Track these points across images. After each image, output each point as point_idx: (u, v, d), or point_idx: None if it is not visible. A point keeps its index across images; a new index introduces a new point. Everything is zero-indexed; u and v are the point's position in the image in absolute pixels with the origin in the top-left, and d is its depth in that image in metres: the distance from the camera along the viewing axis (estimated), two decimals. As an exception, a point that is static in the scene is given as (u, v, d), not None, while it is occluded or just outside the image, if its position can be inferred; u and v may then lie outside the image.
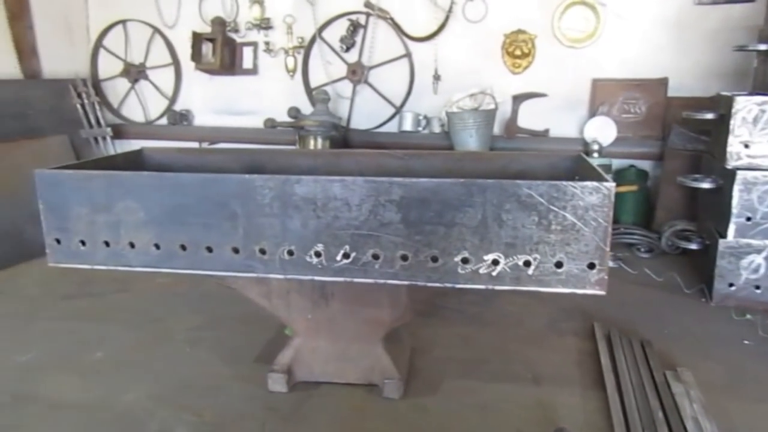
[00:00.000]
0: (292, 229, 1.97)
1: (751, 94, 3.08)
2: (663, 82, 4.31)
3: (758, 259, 3.03)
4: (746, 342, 2.74)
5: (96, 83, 5.51)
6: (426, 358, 2.62)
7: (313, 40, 4.96)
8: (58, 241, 2.13)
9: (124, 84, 5.52)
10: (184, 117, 5.41)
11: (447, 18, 4.58)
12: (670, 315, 3.02)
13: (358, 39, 4.86)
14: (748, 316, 2.97)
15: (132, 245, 2.08)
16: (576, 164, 2.47)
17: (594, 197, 1.82)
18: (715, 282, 3.12)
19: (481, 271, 1.93)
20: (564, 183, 1.82)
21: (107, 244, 2.10)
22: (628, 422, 2.07)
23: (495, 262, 1.91)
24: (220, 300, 3.17)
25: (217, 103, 5.37)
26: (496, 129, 4.55)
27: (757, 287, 3.06)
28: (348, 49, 4.90)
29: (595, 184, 1.81)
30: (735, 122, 3.00)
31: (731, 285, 3.10)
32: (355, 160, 2.65)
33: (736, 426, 2.10)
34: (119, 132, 5.45)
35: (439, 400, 2.30)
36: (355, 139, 4.88)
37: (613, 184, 1.82)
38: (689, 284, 3.32)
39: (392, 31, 4.77)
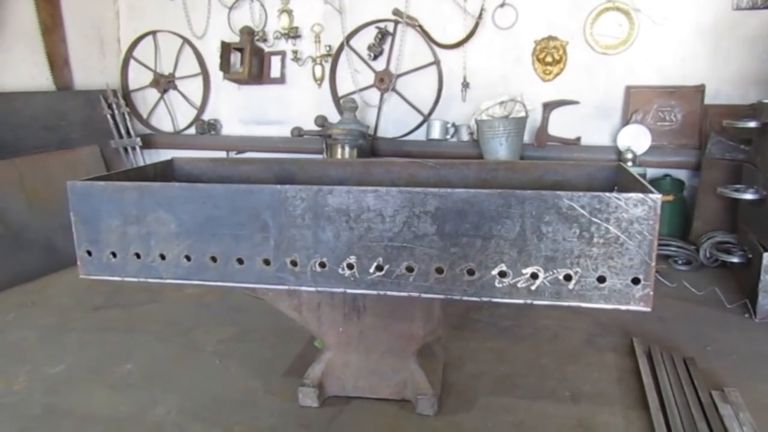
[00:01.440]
0: (324, 240, 1.92)
1: (796, 100, 2.97)
2: (699, 90, 4.20)
3: (806, 272, 2.90)
4: (795, 360, 2.62)
5: (126, 94, 5.57)
6: (459, 373, 2.55)
7: (340, 49, 4.95)
8: (89, 253, 2.12)
9: (153, 94, 5.57)
10: (212, 126, 5.44)
11: (476, 25, 4.53)
12: (712, 331, 2.90)
13: (386, 47, 4.83)
14: (796, 333, 2.84)
15: (163, 257, 2.05)
16: (615, 175, 2.39)
17: (639, 209, 1.74)
18: (759, 297, 3.00)
19: (519, 285, 1.86)
20: (607, 194, 1.75)
21: (138, 255, 2.08)
22: (673, 445, 1.98)
23: (534, 276, 1.84)
24: (249, 311, 3.15)
25: (245, 113, 5.39)
26: (527, 137, 4.47)
27: (805, 302, 2.93)
28: (376, 57, 4.87)
29: (640, 195, 1.74)
30: (780, 130, 2.88)
31: (777, 300, 2.97)
32: (386, 170, 2.61)
33: (789, 450, 1.99)
34: (148, 142, 5.50)
35: (474, 417, 2.23)
36: (382, 148, 4.84)
37: (659, 196, 1.74)
38: (731, 299, 3.20)
39: (421, 39, 4.73)
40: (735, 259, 3.36)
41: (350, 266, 1.92)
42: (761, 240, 3.08)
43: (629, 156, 4.18)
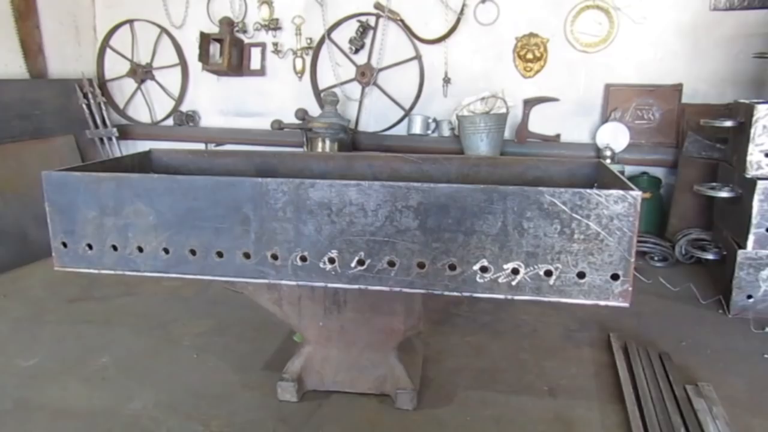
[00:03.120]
0: (305, 234, 1.91)
1: (771, 101, 3.02)
2: (677, 89, 4.25)
3: (778, 270, 2.96)
4: (766, 356, 2.67)
5: (102, 83, 5.46)
6: (438, 367, 2.55)
7: (321, 42, 4.91)
8: (65, 245, 2.08)
9: (130, 84, 5.47)
10: (190, 118, 5.36)
11: (458, 20, 4.52)
12: (687, 327, 2.95)
13: (368, 41, 4.81)
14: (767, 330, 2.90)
15: (140, 249, 2.02)
16: (595, 171, 2.41)
17: (619, 206, 1.76)
18: (733, 293, 3.05)
19: (500, 280, 1.87)
20: (588, 191, 1.77)
21: (115, 248, 2.04)
22: (649, 438, 2.01)
23: (515, 272, 1.85)
24: (227, 305, 3.12)
25: (224, 105, 5.32)
26: (507, 133, 4.49)
27: (776, 299, 3.00)
28: (357, 51, 4.84)
29: (621, 192, 1.75)
30: (755, 130, 2.93)
31: (750, 297, 3.03)
32: (368, 164, 2.60)
33: (760, 443, 2.04)
34: (125, 132, 5.40)
35: (453, 411, 2.24)
36: (363, 142, 4.83)
37: (639, 193, 1.76)
38: (705, 295, 3.26)
39: (402, 33, 4.71)
40: (710, 256, 3.42)
41: (332, 260, 1.91)
42: (735, 237, 3.13)
43: (608, 153, 4.22)
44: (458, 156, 3.18)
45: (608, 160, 4.18)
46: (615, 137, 4.30)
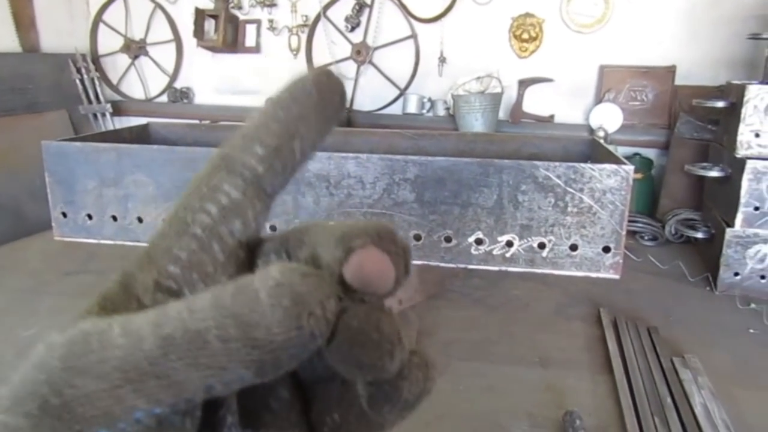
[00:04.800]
0: (304, 206, 1.94)
1: (762, 82, 3.06)
2: (671, 70, 4.29)
3: (765, 248, 3.02)
4: (751, 331, 2.74)
5: (95, 59, 5.42)
6: (432, 339, 2.60)
7: (317, 19, 4.90)
8: (65, 215, 2.11)
9: (124, 60, 5.44)
10: (184, 95, 5.35)
11: None
12: (675, 303, 3.02)
13: (364, 19, 4.80)
14: (753, 306, 2.97)
15: (140, 220, 2.05)
16: (589, 148, 2.45)
17: (612, 180, 1.80)
18: (721, 271, 3.12)
19: (495, 252, 1.92)
20: (582, 165, 1.81)
21: (114, 218, 2.07)
22: (636, 407, 2.07)
23: (509, 244, 1.90)
24: (223, 279, 3.15)
25: (219, 82, 5.31)
26: (502, 113, 4.52)
27: (763, 277, 3.06)
28: (353, 29, 4.84)
29: (614, 166, 1.80)
30: (746, 111, 2.98)
31: (737, 274, 3.10)
32: (365, 139, 2.63)
33: (743, 412, 2.10)
34: (119, 109, 5.39)
35: (446, 381, 2.29)
36: (359, 121, 4.83)
37: (632, 167, 1.81)
38: (694, 273, 3.32)
39: (398, 12, 4.71)
40: (699, 235, 3.48)
41: (330, 231, 1.94)
42: (724, 216, 3.19)
43: (601, 134, 4.26)
44: (455, 132, 3.21)
45: (601, 141, 4.22)
46: (608, 118, 4.34)
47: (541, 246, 1.87)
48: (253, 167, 0.27)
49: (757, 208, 3.01)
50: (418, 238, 1.90)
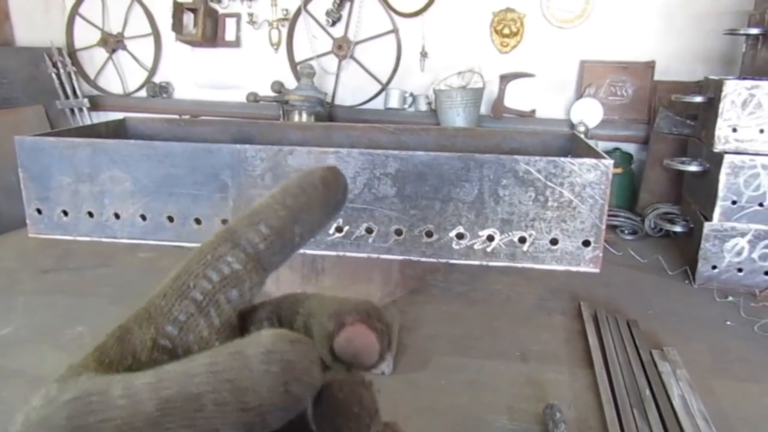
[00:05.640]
0: (284, 201, 1.92)
1: (740, 78, 3.10)
2: (650, 66, 4.32)
3: (742, 242, 3.07)
4: (729, 323, 2.78)
5: (72, 53, 5.33)
6: (414, 334, 2.60)
7: (298, 13, 4.86)
8: (39, 211, 2.06)
9: (101, 54, 5.36)
10: (164, 89, 5.28)
11: (436, -6, 4.52)
12: (655, 296, 3.05)
13: (345, 13, 4.77)
14: (731, 298, 3.01)
15: (117, 216, 2.01)
16: (569, 143, 2.46)
17: (592, 174, 1.81)
18: (699, 264, 3.16)
19: (476, 246, 1.91)
20: (562, 159, 1.81)
21: (91, 214, 2.03)
22: (616, 400, 2.09)
23: (490, 238, 1.89)
24: (204, 275, 3.12)
25: (199, 76, 5.25)
26: (483, 108, 4.53)
27: (740, 270, 3.11)
28: (334, 23, 4.81)
29: (593, 161, 1.80)
30: (724, 106, 3.01)
31: (714, 267, 3.14)
32: (346, 134, 2.61)
33: (721, 404, 2.13)
34: (96, 104, 5.31)
35: (428, 376, 2.30)
36: (340, 116, 4.82)
37: (611, 162, 1.82)
38: (672, 266, 3.36)
39: (380, 6, 4.69)
40: (678, 229, 3.52)
41: (310, 227, 1.93)
42: (702, 210, 3.23)
43: (581, 129, 4.28)
44: (436, 127, 3.20)
45: (582, 136, 4.24)
46: (589, 113, 4.36)
47: (522, 240, 1.87)
48: (256, 244, 0.29)
49: (734, 202, 3.05)
50: (399, 232, 1.89)
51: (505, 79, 4.47)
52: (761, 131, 2.98)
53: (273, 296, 0.32)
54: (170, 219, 1.99)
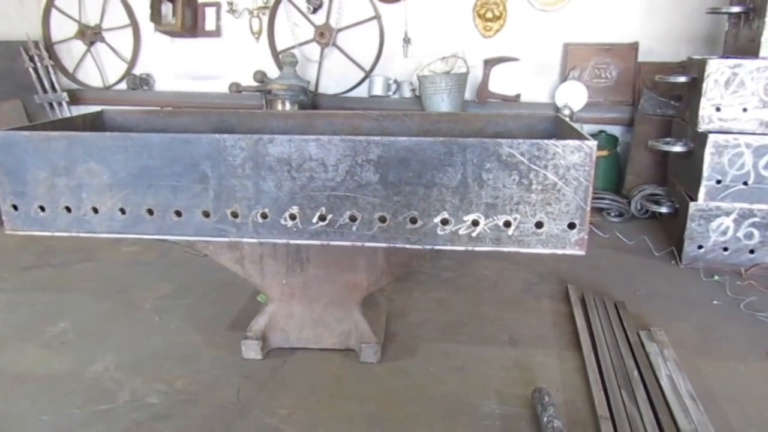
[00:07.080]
0: (265, 190, 1.89)
1: (723, 57, 3.09)
2: (633, 47, 4.31)
3: (727, 221, 3.07)
4: (715, 302, 2.79)
5: (49, 46, 5.23)
6: (402, 322, 2.59)
7: (278, 1, 4.79)
8: (15, 207, 2.01)
9: (79, 47, 5.26)
10: (144, 81, 5.20)
11: (418, -21, 4.47)
12: (642, 277, 3.06)
13: (326, 0, 4.71)
14: (716, 278, 3.02)
15: (95, 210, 1.97)
16: (553, 126, 2.45)
17: (575, 156, 1.79)
18: (685, 244, 3.16)
19: (460, 232, 1.89)
20: (546, 141, 1.79)
21: (68, 209, 1.99)
22: (604, 381, 2.09)
23: (475, 223, 1.87)
24: (189, 268, 3.09)
25: (180, 67, 5.17)
26: (468, 94, 4.50)
27: (725, 249, 3.12)
28: (315, 11, 4.75)
29: (577, 142, 1.78)
30: (707, 85, 3.00)
31: (700, 247, 3.15)
32: (328, 122, 2.57)
33: (708, 383, 2.14)
34: (76, 97, 5.21)
35: (416, 363, 2.28)
36: (324, 104, 4.77)
37: (595, 143, 1.80)
38: (659, 247, 3.37)
39: (361, -8, 4.63)
40: (664, 210, 3.52)
41: (293, 216, 1.90)
42: (688, 190, 3.23)
43: (566, 112, 4.27)
44: (419, 112, 3.18)
45: (567, 119, 4.23)
46: (573, 96, 4.34)
47: (507, 224, 1.86)
48: None
49: (719, 182, 3.05)
50: (383, 220, 1.87)
51: (489, 63, 4.44)
52: (744, 110, 2.98)
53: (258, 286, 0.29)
54: (150, 212, 1.95)
